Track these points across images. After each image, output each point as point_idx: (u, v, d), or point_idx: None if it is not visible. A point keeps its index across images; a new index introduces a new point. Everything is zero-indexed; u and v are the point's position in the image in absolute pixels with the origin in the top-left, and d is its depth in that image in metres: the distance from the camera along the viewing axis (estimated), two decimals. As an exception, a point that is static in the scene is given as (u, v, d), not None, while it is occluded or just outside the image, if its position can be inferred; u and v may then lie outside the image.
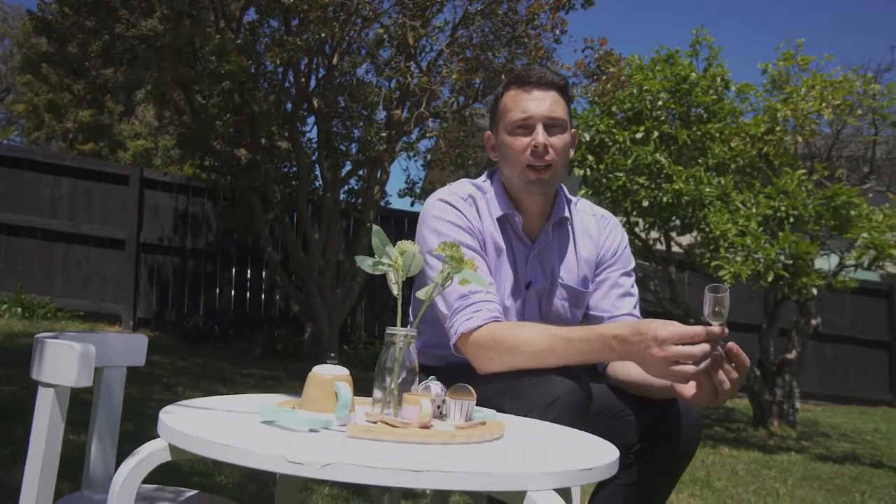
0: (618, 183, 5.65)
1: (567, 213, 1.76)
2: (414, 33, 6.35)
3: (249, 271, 8.18)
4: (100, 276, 7.53)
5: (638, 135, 5.77)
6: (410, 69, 6.41)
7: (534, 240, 1.73)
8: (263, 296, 8.18)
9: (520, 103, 1.68)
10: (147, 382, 4.79)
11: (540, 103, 1.67)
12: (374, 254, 1.22)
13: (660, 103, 5.81)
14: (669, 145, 5.91)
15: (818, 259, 5.87)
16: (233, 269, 8.10)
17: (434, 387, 1.20)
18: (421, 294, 1.28)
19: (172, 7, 6.39)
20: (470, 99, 6.62)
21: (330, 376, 1.12)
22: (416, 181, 7.93)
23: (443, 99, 6.67)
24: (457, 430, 1.10)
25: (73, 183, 7.56)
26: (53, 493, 1.20)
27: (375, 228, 1.22)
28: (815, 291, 5.56)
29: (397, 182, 62.50)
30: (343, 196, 7.62)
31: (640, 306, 1.80)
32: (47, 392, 1.18)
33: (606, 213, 1.84)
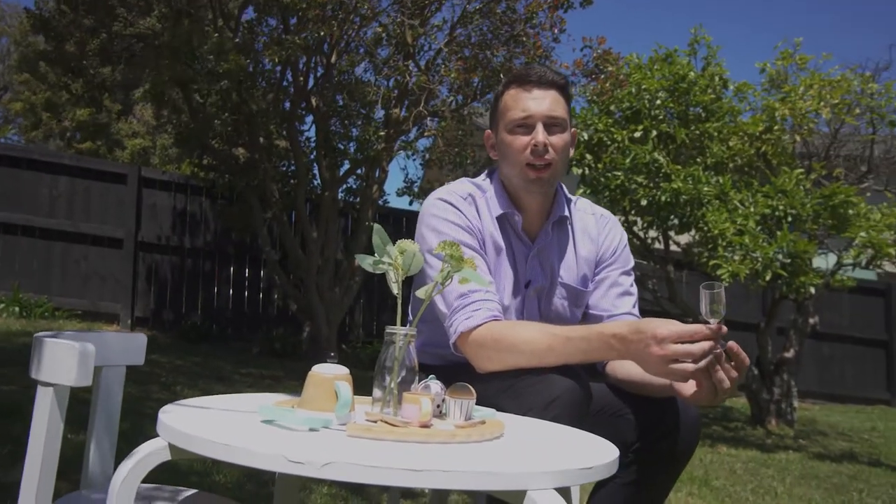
0: (616, 182, 5.65)
1: (567, 213, 1.76)
2: (412, 32, 6.35)
3: (247, 270, 8.16)
4: (98, 275, 7.51)
5: (636, 134, 5.77)
6: (409, 68, 6.40)
7: (533, 239, 1.73)
8: (262, 295, 8.17)
9: (520, 102, 1.68)
10: (145, 382, 4.78)
11: (540, 102, 1.67)
12: (375, 252, 1.21)
13: (658, 102, 5.82)
14: (668, 144, 5.91)
15: (816, 258, 5.88)
16: (231, 268, 8.08)
17: (434, 386, 1.19)
18: (420, 293, 1.28)
19: (170, 5, 6.38)
20: (468, 98, 6.61)
21: (330, 375, 1.12)
22: (415, 180, 7.93)
23: (441, 98, 6.66)
24: (457, 430, 1.10)
25: (71, 182, 7.54)
26: (52, 493, 1.20)
27: (376, 227, 1.22)
28: (813, 290, 5.56)
29: (396, 181, 62.54)
30: (341, 195, 7.61)
31: (639, 305, 1.80)
32: (46, 391, 1.18)
33: (606, 213, 1.84)
